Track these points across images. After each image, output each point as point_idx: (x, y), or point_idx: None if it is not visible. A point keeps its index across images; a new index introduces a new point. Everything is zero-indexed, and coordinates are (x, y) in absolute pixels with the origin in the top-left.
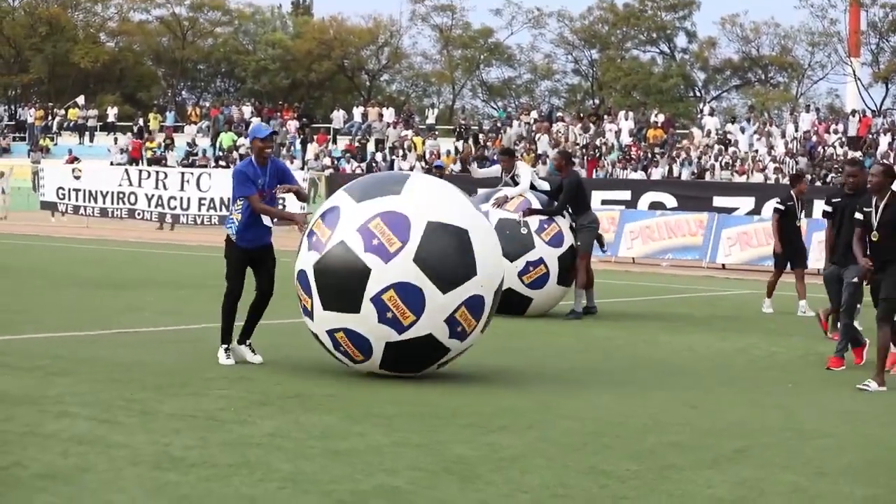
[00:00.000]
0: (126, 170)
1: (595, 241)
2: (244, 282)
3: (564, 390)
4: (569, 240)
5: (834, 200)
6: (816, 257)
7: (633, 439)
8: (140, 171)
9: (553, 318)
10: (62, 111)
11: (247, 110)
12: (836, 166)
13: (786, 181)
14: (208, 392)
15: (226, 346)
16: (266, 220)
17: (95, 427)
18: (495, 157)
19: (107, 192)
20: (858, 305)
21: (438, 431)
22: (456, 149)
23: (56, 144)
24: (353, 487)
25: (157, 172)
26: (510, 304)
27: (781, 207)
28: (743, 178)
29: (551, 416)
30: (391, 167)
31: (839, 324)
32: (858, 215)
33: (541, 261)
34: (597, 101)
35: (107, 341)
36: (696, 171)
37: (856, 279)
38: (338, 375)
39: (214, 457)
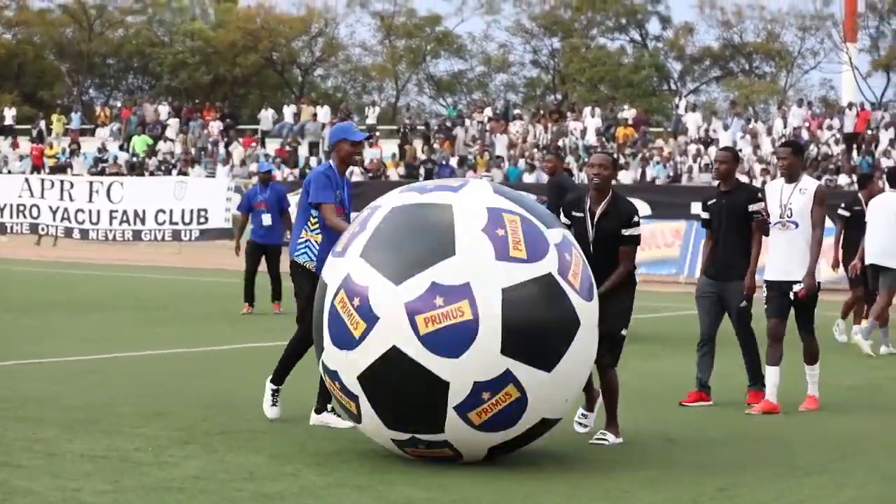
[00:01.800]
0: (27, 179)
1: None
2: None
3: None
4: None
5: (710, 203)
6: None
7: (602, 477)
8: (42, 180)
9: None
10: None
11: (163, 110)
12: (831, 167)
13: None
14: (122, 429)
15: (276, 388)
16: None
17: None
18: (443, 162)
19: (4, 205)
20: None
21: (382, 471)
22: (401, 152)
23: None
24: None
25: (63, 182)
26: None
27: (847, 214)
28: None
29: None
30: None
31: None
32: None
33: None
34: (559, 97)
35: (8, 373)
36: (671, 174)
37: (744, 303)
38: (254, 406)
39: (130, 503)
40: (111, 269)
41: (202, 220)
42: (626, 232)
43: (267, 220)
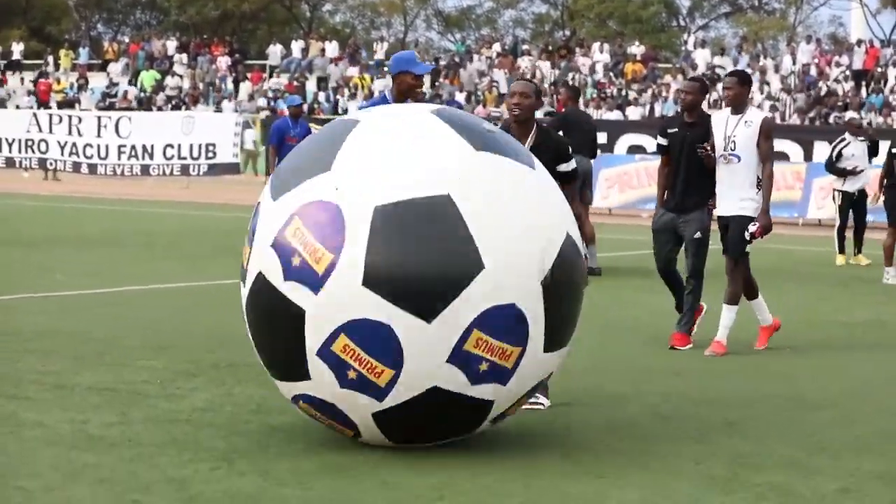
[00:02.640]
0: (34, 114)
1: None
2: None
3: None
4: None
5: (670, 131)
6: (818, 205)
7: (610, 410)
8: (51, 115)
9: None
10: None
11: (171, 45)
12: (839, 104)
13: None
14: (130, 363)
15: None
16: None
17: (4, 404)
18: (452, 98)
19: (13, 140)
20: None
21: None
22: None
23: None
24: (295, 466)
25: (70, 117)
26: None
27: None
28: None
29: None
30: (334, 109)
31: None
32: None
33: None
34: (567, 33)
35: (15, 308)
36: (679, 110)
37: (699, 234)
38: None
39: (138, 435)
40: (119, 203)
41: (210, 154)
42: (561, 168)
43: None
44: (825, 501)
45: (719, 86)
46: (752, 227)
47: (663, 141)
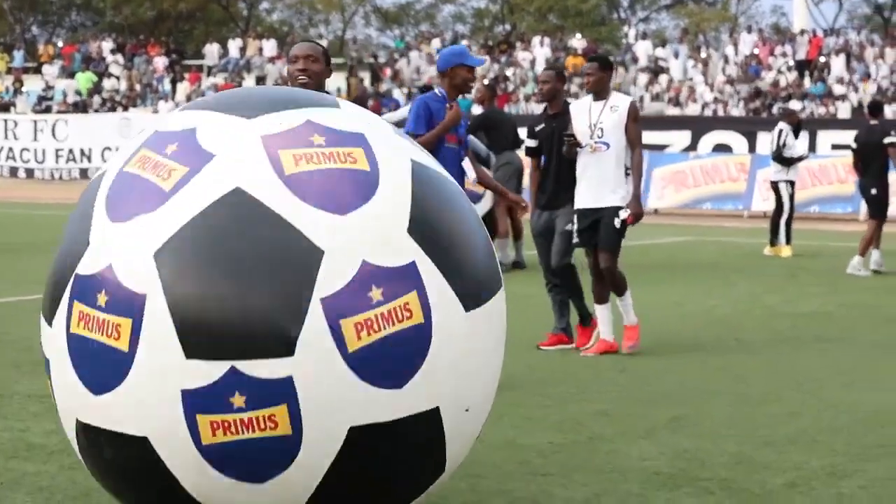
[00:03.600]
0: None
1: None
2: None
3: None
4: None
5: (538, 129)
6: (763, 197)
7: (554, 409)
8: None
9: None
10: None
11: (107, 46)
12: (783, 94)
13: (731, 111)
14: None
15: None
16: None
17: None
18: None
19: None
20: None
21: None
22: (348, 85)
23: None
24: None
25: (6, 121)
26: None
27: None
28: (677, 111)
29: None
30: None
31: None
32: None
33: None
34: (508, 27)
35: None
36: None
37: (570, 226)
38: None
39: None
40: (57, 208)
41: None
42: None
43: None
44: (772, 496)
45: (662, 77)
46: (622, 214)
47: (532, 143)
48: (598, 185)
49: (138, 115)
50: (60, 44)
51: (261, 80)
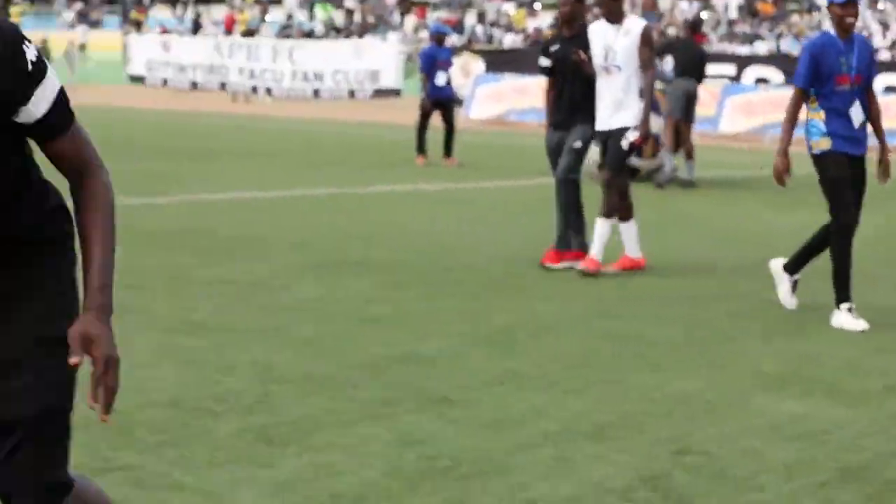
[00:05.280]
0: (217, 42)
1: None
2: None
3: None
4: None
5: (552, 49)
6: None
7: (670, 306)
8: (231, 43)
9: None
10: None
11: None
12: None
13: None
14: (260, 258)
15: (849, 305)
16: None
17: (117, 294)
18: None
19: (197, 65)
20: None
21: (483, 299)
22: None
23: (148, 17)
24: (376, 352)
25: (249, 45)
26: None
27: None
28: None
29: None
30: (489, 41)
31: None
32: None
33: None
34: None
35: (164, 209)
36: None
37: (579, 143)
38: (394, 241)
39: (236, 322)
40: (287, 122)
41: (375, 79)
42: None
43: (443, 78)
44: (868, 396)
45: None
46: (630, 136)
47: (546, 62)
48: (610, 106)
49: (368, 43)
50: None
51: (480, 17)
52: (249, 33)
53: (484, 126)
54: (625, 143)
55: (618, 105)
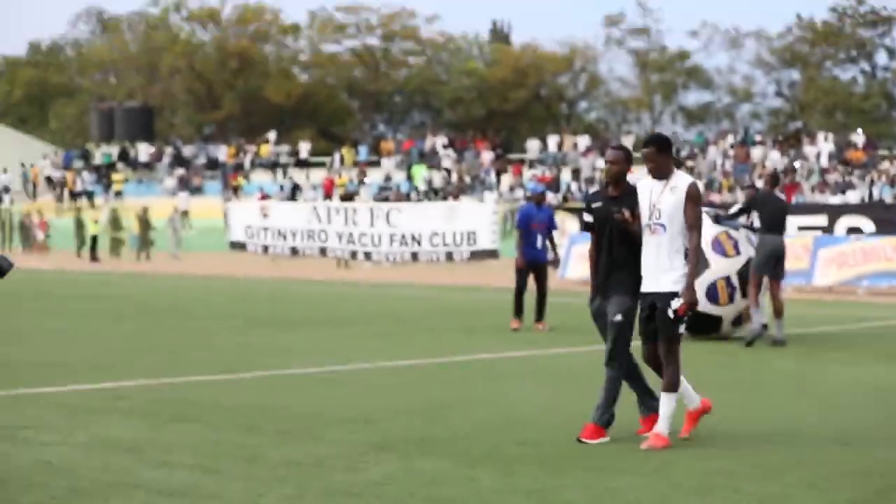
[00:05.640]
0: (315, 207)
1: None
2: None
3: (703, 425)
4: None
5: (594, 206)
6: None
7: (767, 479)
8: (329, 208)
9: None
10: (254, 148)
11: (440, 141)
12: None
13: None
14: (328, 436)
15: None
16: None
17: (191, 476)
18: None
19: (296, 231)
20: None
21: (557, 475)
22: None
23: (249, 182)
24: None
25: (347, 209)
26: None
27: None
28: None
29: (678, 457)
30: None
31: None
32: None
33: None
34: (800, 124)
35: (245, 384)
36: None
37: (619, 316)
38: (466, 414)
39: None
40: (383, 287)
41: (471, 241)
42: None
43: (539, 240)
44: None
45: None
46: (675, 304)
47: (589, 217)
48: (653, 268)
49: (464, 204)
50: (401, 139)
51: (576, 173)
52: (348, 197)
53: (579, 286)
54: (670, 312)
55: (663, 267)
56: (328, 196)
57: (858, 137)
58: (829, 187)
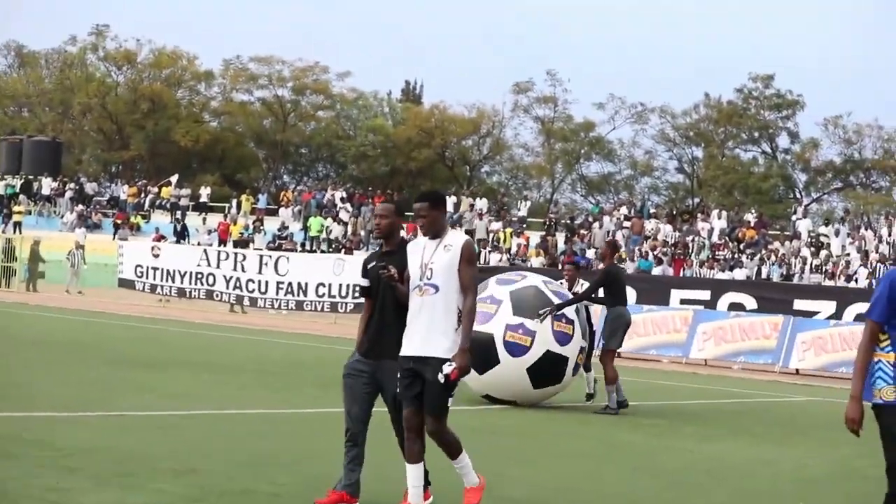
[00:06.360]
0: (205, 250)
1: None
2: None
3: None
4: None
5: (370, 266)
6: None
7: None
8: (219, 251)
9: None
10: (155, 189)
11: (339, 195)
12: None
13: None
14: (146, 484)
15: None
16: None
17: None
18: (579, 254)
19: (185, 272)
20: None
21: None
22: (543, 242)
23: (147, 222)
24: None
25: (237, 254)
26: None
27: None
28: (832, 283)
29: None
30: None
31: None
32: None
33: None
34: (697, 200)
35: (82, 423)
36: (784, 273)
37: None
38: (297, 469)
39: None
40: (263, 334)
41: (356, 294)
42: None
43: None
44: None
45: (822, 253)
46: (446, 369)
47: (365, 282)
48: (421, 331)
49: (353, 257)
50: (302, 189)
51: (470, 233)
52: (243, 243)
53: None
54: (441, 377)
55: (433, 330)
56: (223, 241)
57: (752, 216)
58: (719, 263)
